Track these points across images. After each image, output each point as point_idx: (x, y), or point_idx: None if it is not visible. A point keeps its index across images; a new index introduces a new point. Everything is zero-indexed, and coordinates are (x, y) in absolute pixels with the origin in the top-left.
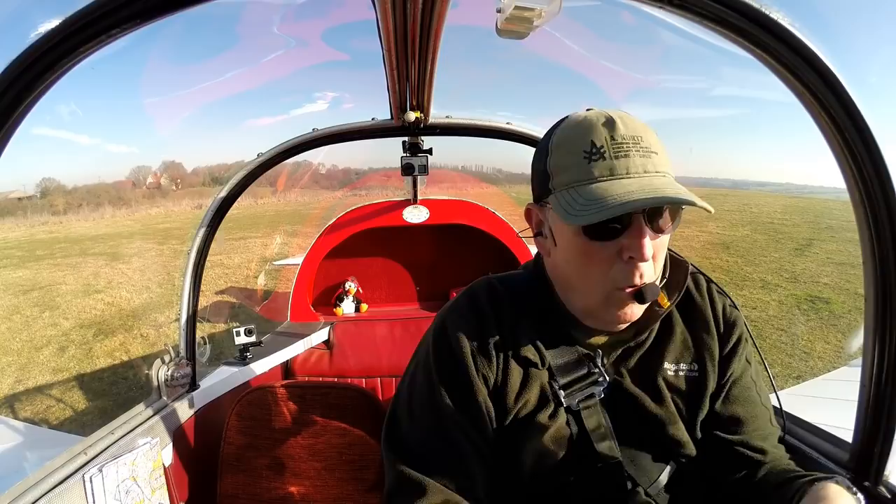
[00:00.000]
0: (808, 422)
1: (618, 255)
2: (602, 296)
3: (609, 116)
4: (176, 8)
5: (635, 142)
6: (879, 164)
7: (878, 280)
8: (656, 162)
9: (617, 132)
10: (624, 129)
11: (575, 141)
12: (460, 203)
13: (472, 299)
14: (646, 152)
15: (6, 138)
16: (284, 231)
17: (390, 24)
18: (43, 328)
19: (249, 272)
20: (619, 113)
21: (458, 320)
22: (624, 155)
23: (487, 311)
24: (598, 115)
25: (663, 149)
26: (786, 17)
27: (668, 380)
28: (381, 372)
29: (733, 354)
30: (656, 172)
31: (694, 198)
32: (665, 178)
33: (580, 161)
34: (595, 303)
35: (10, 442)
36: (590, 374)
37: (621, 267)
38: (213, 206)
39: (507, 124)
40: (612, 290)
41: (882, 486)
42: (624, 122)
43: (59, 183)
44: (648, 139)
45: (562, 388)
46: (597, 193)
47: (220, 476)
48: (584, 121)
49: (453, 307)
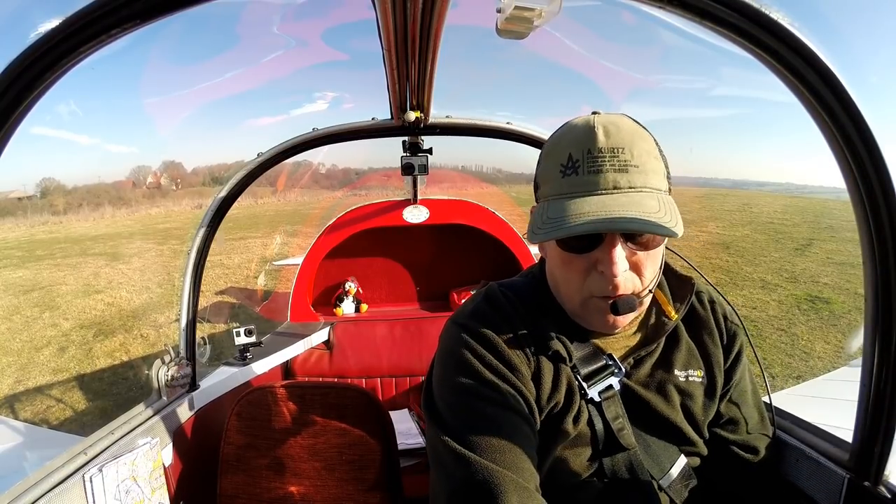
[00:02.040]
0: (808, 422)
1: (593, 266)
2: (580, 301)
3: (592, 127)
4: (176, 8)
5: (613, 154)
6: (879, 164)
7: (877, 280)
8: (632, 177)
9: (596, 144)
10: (605, 140)
11: (557, 153)
12: (460, 203)
13: (491, 302)
14: (622, 166)
15: (6, 138)
16: (284, 231)
17: (390, 24)
18: (43, 328)
19: (249, 272)
20: (609, 120)
21: (482, 323)
22: (597, 170)
23: (510, 311)
24: (586, 125)
25: (652, 158)
26: (786, 17)
27: (679, 385)
28: (381, 372)
29: (736, 363)
30: (629, 188)
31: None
32: (635, 194)
33: (557, 175)
34: (575, 307)
35: (10, 442)
36: (607, 366)
37: (596, 277)
38: (213, 206)
39: (507, 124)
40: (589, 297)
41: (882, 486)
42: (607, 133)
43: (59, 183)
44: (631, 150)
45: (584, 380)
46: (558, 211)
47: (220, 476)
48: (570, 131)
49: (474, 312)
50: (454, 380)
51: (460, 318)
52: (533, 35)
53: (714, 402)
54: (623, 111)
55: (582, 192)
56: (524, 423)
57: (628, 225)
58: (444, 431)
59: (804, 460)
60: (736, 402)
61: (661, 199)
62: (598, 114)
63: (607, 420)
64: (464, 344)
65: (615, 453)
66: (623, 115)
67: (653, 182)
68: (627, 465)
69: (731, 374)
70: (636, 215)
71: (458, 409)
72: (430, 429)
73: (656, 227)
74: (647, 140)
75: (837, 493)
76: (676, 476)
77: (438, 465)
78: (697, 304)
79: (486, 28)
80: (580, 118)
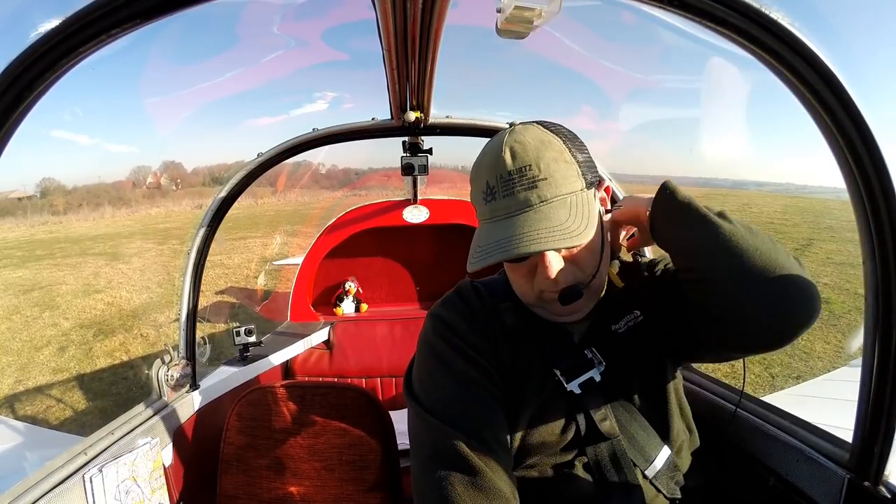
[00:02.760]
0: (808, 422)
1: (536, 268)
2: (534, 297)
3: (499, 152)
4: (176, 8)
5: (521, 174)
6: (879, 164)
7: (877, 280)
8: (542, 191)
9: (505, 168)
10: (511, 163)
11: (479, 179)
12: (460, 203)
13: (460, 292)
14: (532, 183)
15: (6, 138)
16: (284, 231)
17: (390, 24)
18: (43, 328)
19: (249, 272)
20: (516, 139)
21: (449, 309)
22: (509, 193)
23: (475, 301)
24: (496, 149)
25: (561, 164)
26: (786, 17)
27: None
28: (381, 372)
29: (665, 276)
30: (541, 202)
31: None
32: (546, 208)
33: (481, 200)
34: (532, 302)
35: (10, 442)
36: (587, 360)
37: (540, 277)
38: (213, 206)
39: (507, 124)
40: (539, 293)
41: (882, 486)
42: (514, 154)
43: (59, 183)
44: (538, 164)
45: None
46: (480, 238)
47: (220, 476)
48: (485, 156)
49: (444, 301)
50: (425, 360)
51: (433, 309)
52: (533, 35)
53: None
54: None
55: (501, 215)
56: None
57: (527, 250)
58: (418, 405)
59: (804, 460)
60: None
61: (574, 201)
62: (513, 127)
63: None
64: (432, 328)
65: (598, 442)
66: (532, 125)
67: (564, 188)
68: (611, 454)
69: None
70: (541, 236)
71: (429, 385)
72: (408, 407)
73: (558, 242)
74: (552, 147)
75: (837, 493)
76: (662, 467)
77: (414, 436)
78: (644, 267)
79: (486, 28)
80: (496, 138)
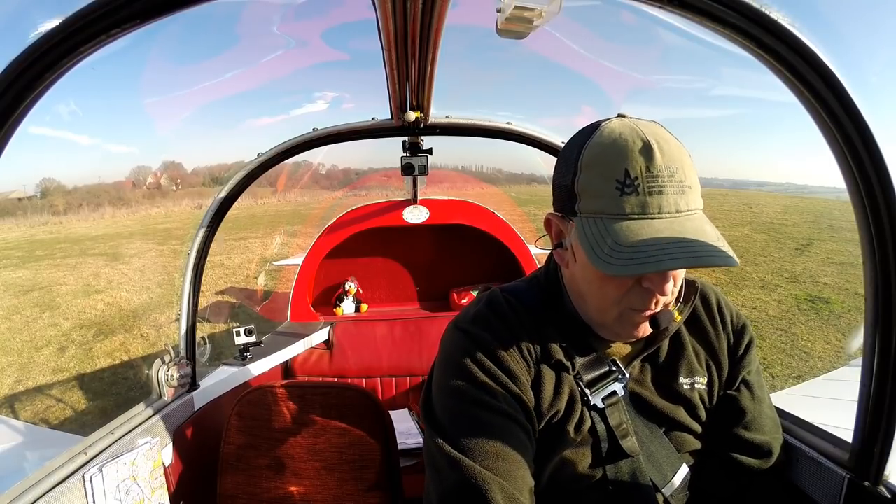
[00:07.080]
0: (808, 422)
1: (636, 281)
2: (616, 314)
3: (647, 141)
4: (176, 8)
5: (671, 174)
6: (879, 164)
7: (877, 280)
8: (689, 199)
9: (654, 163)
10: (661, 158)
11: (608, 165)
12: (460, 203)
13: (493, 307)
14: (680, 187)
15: (6, 138)
16: (284, 231)
17: (390, 23)
18: (43, 328)
19: (249, 272)
20: (657, 134)
21: (482, 328)
22: (658, 191)
23: (511, 317)
24: (635, 138)
25: (695, 175)
26: (786, 17)
27: (684, 393)
28: (381, 372)
29: (744, 359)
30: (688, 211)
31: (724, 252)
32: (696, 218)
33: (612, 191)
34: (609, 319)
35: (10, 442)
36: (611, 372)
37: (639, 292)
38: (213, 206)
39: (507, 124)
40: (627, 310)
41: (882, 486)
42: (661, 150)
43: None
44: (684, 170)
45: (587, 386)
46: (627, 237)
47: (220, 476)
48: (618, 141)
49: (476, 317)
50: (452, 384)
51: (461, 323)
52: (533, 35)
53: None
54: (623, 111)
55: (647, 214)
56: (520, 430)
57: (711, 261)
58: (440, 434)
59: (804, 460)
60: (746, 400)
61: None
62: (624, 117)
63: (611, 427)
64: (463, 349)
65: (618, 460)
66: (657, 125)
67: (700, 202)
68: (630, 473)
69: (737, 372)
70: (712, 248)
71: (455, 413)
72: (426, 431)
73: (728, 258)
74: (689, 155)
75: (837, 493)
76: (679, 485)
77: (432, 468)
78: (702, 307)
79: (486, 28)
80: (615, 125)
